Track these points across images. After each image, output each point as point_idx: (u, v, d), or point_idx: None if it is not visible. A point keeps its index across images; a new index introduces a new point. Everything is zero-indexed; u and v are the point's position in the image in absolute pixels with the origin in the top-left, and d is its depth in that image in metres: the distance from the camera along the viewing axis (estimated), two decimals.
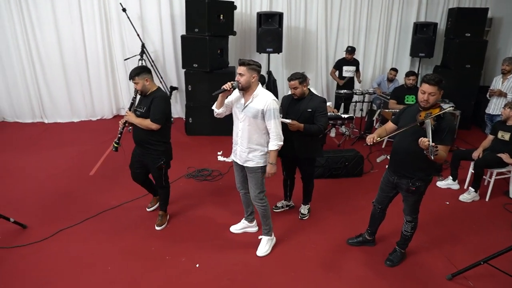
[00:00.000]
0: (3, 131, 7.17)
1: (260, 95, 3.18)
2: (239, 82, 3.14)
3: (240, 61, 3.18)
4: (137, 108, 3.65)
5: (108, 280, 3.24)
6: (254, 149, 3.28)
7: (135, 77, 3.48)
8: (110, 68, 7.47)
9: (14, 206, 4.30)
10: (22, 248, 3.65)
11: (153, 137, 3.61)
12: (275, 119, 3.16)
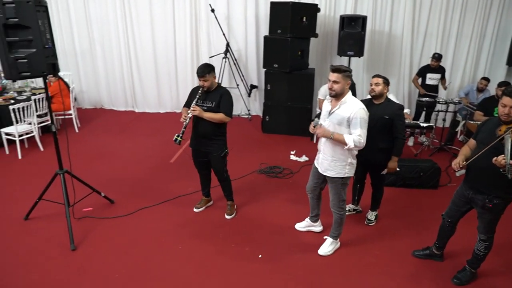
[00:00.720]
0: (101, 116, 8.05)
1: (348, 103, 3.17)
2: (332, 89, 3.14)
3: (333, 68, 3.14)
4: (203, 104, 3.82)
5: (178, 257, 3.54)
6: (336, 158, 3.30)
7: (207, 75, 3.71)
8: (196, 64, 7.94)
9: (105, 183, 4.83)
10: (109, 220, 4.13)
11: (219, 129, 3.87)
12: (361, 129, 3.10)
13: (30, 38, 3.25)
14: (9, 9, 3.13)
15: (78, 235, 3.81)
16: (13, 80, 3.42)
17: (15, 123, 5.77)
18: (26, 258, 3.57)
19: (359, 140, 3.09)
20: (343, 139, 3.12)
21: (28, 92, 6.97)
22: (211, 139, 3.88)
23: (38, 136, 6.19)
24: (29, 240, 3.84)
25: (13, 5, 3.13)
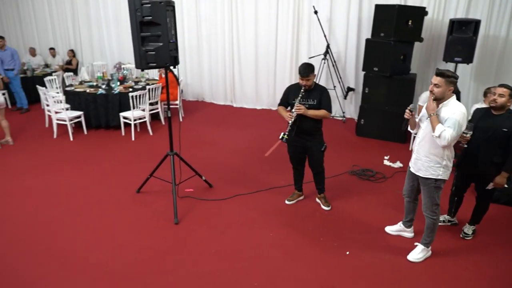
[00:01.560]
0: (202, 108, 8.69)
1: (450, 105, 3.13)
2: (432, 92, 3.13)
3: (438, 71, 3.12)
4: (305, 102, 3.97)
5: (268, 243, 3.77)
6: (430, 159, 3.26)
7: (310, 74, 3.89)
8: (295, 63, 8.15)
9: (206, 168, 5.25)
10: (207, 201, 4.52)
11: (318, 125, 4.09)
12: (453, 129, 3.02)
13: (159, 33, 3.72)
14: (146, 9, 3.62)
15: (180, 212, 4.24)
16: (142, 69, 3.92)
17: (132, 108, 6.52)
18: (136, 224, 4.09)
19: (446, 136, 3.01)
20: (436, 125, 3.07)
21: (143, 82, 7.79)
22: (312, 135, 4.10)
23: (149, 122, 6.92)
24: (139, 210, 4.37)
25: (149, 5, 3.61)
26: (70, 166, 5.61)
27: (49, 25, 11.04)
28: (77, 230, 4.01)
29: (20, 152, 6.19)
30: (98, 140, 6.72)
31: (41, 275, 3.34)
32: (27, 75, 9.09)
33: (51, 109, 6.77)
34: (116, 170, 5.47)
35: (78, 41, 10.67)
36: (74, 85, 7.67)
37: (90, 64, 10.15)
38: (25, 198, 4.71)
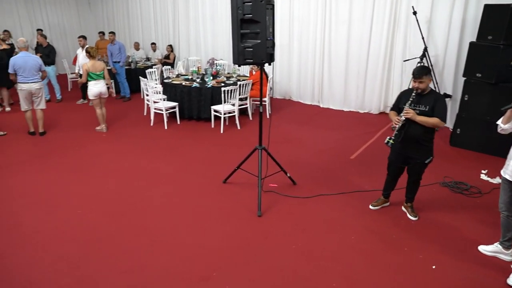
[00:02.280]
0: (289, 107, 8.78)
1: None
2: None
3: None
4: (416, 107, 3.76)
5: (349, 245, 3.71)
6: None
7: (424, 76, 3.64)
8: (387, 66, 7.86)
9: (291, 165, 5.32)
10: (290, 198, 4.57)
11: (428, 134, 3.79)
12: None
13: (257, 31, 3.85)
14: (247, 7, 3.77)
15: (263, 205, 4.35)
16: (239, 65, 4.09)
17: (223, 102, 6.82)
18: (220, 213, 4.28)
19: None
20: None
21: (235, 78, 8.09)
22: (419, 143, 3.82)
23: (237, 116, 7.18)
24: (224, 199, 4.57)
25: (250, 4, 3.76)
26: (163, 153, 6.06)
27: (152, 22, 11.97)
28: (164, 212, 4.33)
29: (122, 136, 6.83)
30: (190, 130, 7.15)
31: (133, 248, 3.68)
32: (131, 67, 9.96)
33: (150, 98, 7.36)
34: (204, 160, 5.77)
35: (177, 37, 11.42)
36: (171, 77, 8.23)
37: (186, 58, 10.80)
38: (122, 177, 5.20)
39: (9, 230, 4.03)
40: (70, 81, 10.84)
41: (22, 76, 6.46)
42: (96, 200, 4.62)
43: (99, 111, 7.04)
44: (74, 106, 9.11)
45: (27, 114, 6.81)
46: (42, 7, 12.99)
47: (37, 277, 3.32)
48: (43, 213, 4.36)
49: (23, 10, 12.54)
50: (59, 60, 12.59)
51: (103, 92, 6.90)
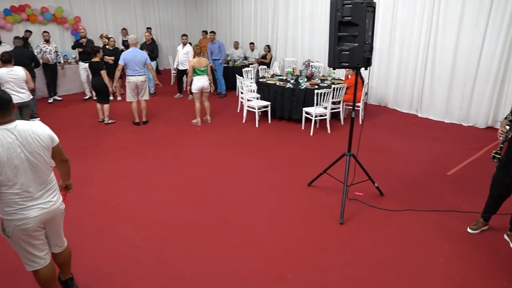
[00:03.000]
0: (383, 114, 8.41)
1: None
2: None
3: None
4: None
5: (435, 269, 3.41)
6: None
7: None
8: (501, 77, 7.08)
9: (380, 175, 5.09)
10: (376, 209, 4.37)
11: None
12: None
13: (355, 34, 3.74)
14: (346, 9, 3.68)
15: (346, 213, 4.23)
16: (334, 67, 4.02)
17: (315, 105, 6.76)
18: (301, 215, 4.25)
19: None
20: None
21: (329, 81, 7.97)
22: None
23: (329, 120, 7.07)
24: (307, 202, 4.54)
25: (350, 6, 3.66)
26: (252, 150, 6.21)
27: (252, 22, 12.32)
28: (247, 208, 4.43)
29: (215, 131, 7.17)
30: (280, 130, 7.23)
31: (215, 239, 3.83)
32: (229, 65, 10.38)
33: (244, 96, 7.60)
34: (291, 160, 5.79)
35: (275, 38, 11.61)
36: (266, 77, 8.39)
37: (282, 59, 10.93)
38: (211, 169, 5.44)
39: (110, 208, 4.48)
40: (173, 76, 11.64)
41: (131, 69, 7.14)
42: (185, 189, 4.91)
43: (198, 104, 7.50)
44: (172, 99, 9.79)
45: (133, 104, 7.48)
46: (155, 7, 14.18)
47: (127, 251, 3.64)
48: (139, 195, 4.76)
49: (140, 10, 13.80)
50: (164, 56, 13.66)
51: (205, 87, 7.36)
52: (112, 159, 5.90)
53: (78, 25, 11.95)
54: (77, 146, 6.36)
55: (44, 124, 2.67)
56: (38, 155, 2.50)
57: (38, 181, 2.54)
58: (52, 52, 9.13)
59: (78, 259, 3.40)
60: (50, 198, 2.63)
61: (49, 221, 2.69)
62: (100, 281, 3.28)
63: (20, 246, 2.60)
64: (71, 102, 9.54)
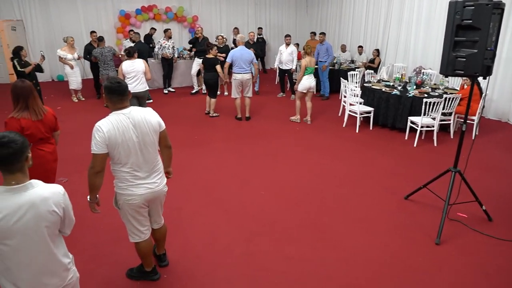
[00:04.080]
0: (503, 130, 7.50)
1: None
2: None
3: None
4: None
5: None
6: None
7: None
8: None
9: (489, 198, 4.56)
10: (480, 235, 3.92)
11: None
12: None
13: (476, 39, 3.40)
14: (467, 11, 3.36)
15: (444, 233, 3.87)
16: (446, 75, 3.71)
17: (422, 114, 6.31)
18: (393, 229, 4.01)
19: None
20: None
21: (441, 90, 7.37)
22: None
23: (436, 132, 6.54)
24: (402, 216, 4.26)
25: (472, 8, 3.33)
26: (349, 155, 6.04)
27: (363, 25, 11.95)
28: (336, 213, 4.33)
29: (314, 132, 7.14)
30: (381, 138, 6.91)
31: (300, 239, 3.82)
32: (335, 67, 10.21)
33: (347, 100, 7.42)
34: (390, 170, 5.50)
35: (385, 42, 11.10)
36: (372, 82, 8.08)
37: (391, 64, 10.41)
38: (304, 170, 5.43)
39: (205, 195, 4.75)
40: (277, 75, 11.86)
41: (237, 67, 7.46)
42: (279, 186, 4.98)
43: (299, 103, 7.61)
44: (275, 98, 9.97)
45: (236, 101, 7.81)
46: (267, 8, 14.60)
47: (216, 238, 3.84)
48: (234, 187, 4.96)
49: (252, 11, 14.34)
50: (272, 56, 13.99)
51: (312, 87, 7.44)
52: (213, 150, 6.24)
53: (196, 23, 12.87)
54: (182, 135, 6.85)
55: (156, 112, 2.94)
56: (148, 139, 2.77)
57: (147, 162, 2.81)
58: (170, 47, 9.96)
59: (173, 238, 3.67)
60: (155, 179, 2.89)
61: (152, 200, 2.95)
62: (189, 261, 3.50)
63: (127, 219, 2.91)
64: (182, 94, 10.32)
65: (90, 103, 9.28)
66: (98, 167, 2.63)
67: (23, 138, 1.84)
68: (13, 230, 1.77)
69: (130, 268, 3.32)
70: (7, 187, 1.80)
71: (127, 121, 2.67)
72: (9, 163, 1.79)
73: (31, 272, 1.88)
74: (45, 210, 1.84)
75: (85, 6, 12.05)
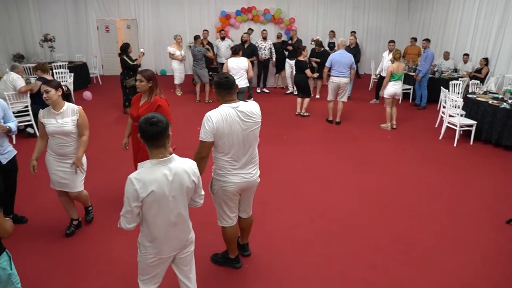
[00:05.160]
0: None
1: None
2: None
3: None
4: None
5: None
6: None
7: None
8: None
9: None
10: None
11: None
12: None
13: None
14: None
15: None
16: None
17: None
18: (491, 255, 3.68)
19: None
20: None
21: None
22: None
23: None
24: (501, 242, 3.90)
25: None
26: (444, 169, 5.67)
27: (471, 31, 11.03)
28: (428, 227, 4.10)
29: (406, 142, 6.82)
30: (483, 154, 6.35)
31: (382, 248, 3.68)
32: (435, 76, 9.60)
33: (446, 111, 6.93)
34: (491, 190, 5.05)
35: (496, 50, 10.12)
36: (477, 93, 7.48)
37: (501, 75, 9.49)
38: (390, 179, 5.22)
39: (290, 194, 4.84)
40: (372, 81, 11.49)
41: (336, 70, 7.39)
42: (364, 193, 4.86)
43: (389, 109, 7.37)
44: (367, 104, 9.66)
45: (330, 104, 7.77)
46: (365, 12, 14.17)
47: (298, 236, 3.89)
48: (319, 188, 4.96)
49: (350, 14, 14.04)
50: (367, 61, 13.60)
51: (398, 93, 7.25)
52: (300, 150, 6.29)
53: (292, 25, 13.01)
54: (272, 133, 7.00)
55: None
56: (251, 133, 2.92)
57: (246, 154, 2.96)
58: (266, 48, 10.21)
59: (256, 230, 3.79)
60: (251, 170, 3.03)
61: (245, 190, 3.10)
62: (269, 255, 3.60)
63: (219, 204, 3.11)
64: (274, 94, 10.52)
65: (185, 97, 9.94)
66: (204, 153, 2.84)
67: (166, 119, 2.16)
68: (166, 196, 2.14)
69: (215, 253, 3.51)
70: (158, 160, 2.13)
71: (235, 114, 2.82)
72: (156, 139, 2.10)
73: (169, 231, 2.26)
74: (186, 178, 2.21)
75: (191, 7, 12.88)
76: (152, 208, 2.15)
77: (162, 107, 3.65)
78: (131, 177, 2.10)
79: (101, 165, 5.38)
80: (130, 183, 2.08)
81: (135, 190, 2.07)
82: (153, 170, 2.11)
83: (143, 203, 2.12)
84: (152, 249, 2.27)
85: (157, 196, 2.11)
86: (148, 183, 2.08)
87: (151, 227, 2.22)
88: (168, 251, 2.32)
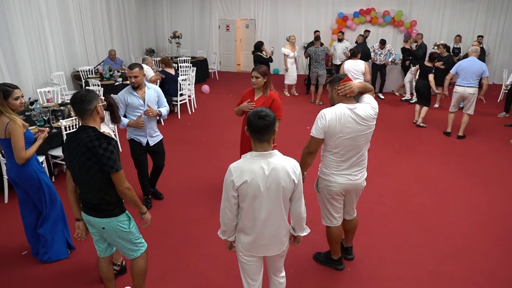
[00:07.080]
0: None
1: None
2: None
3: None
4: None
5: None
6: None
7: None
8: None
9: None
10: None
11: None
12: None
13: None
14: None
15: None
16: None
17: None
18: None
19: None
20: None
21: None
22: None
23: None
24: None
25: None
26: None
27: None
28: None
29: None
30: None
31: None
32: None
33: None
34: None
35: None
36: None
37: None
38: None
39: (398, 202, 4.60)
40: (502, 92, 10.23)
41: (462, 79, 6.68)
42: (483, 213, 4.42)
43: None
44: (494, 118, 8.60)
45: (450, 115, 7.10)
46: (501, 14, 12.56)
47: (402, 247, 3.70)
48: (431, 202, 4.65)
49: (482, 17, 12.55)
50: (498, 69, 12.15)
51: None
52: (414, 160, 5.94)
53: (413, 29, 12.29)
54: (385, 140, 6.72)
55: None
56: (363, 135, 2.85)
57: (354, 156, 2.90)
58: (382, 54, 9.79)
59: (360, 235, 3.70)
60: (357, 173, 2.97)
61: (349, 192, 3.05)
62: (373, 262, 3.50)
63: (323, 203, 3.12)
64: (389, 100, 10.03)
65: (298, 98, 10.04)
66: (312, 148, 2.87)
67: (274, 114, 2.16)
68: (259, 189, 2.12)
69: (318, 252, 3.52)
70: (258, 152, 2.15)
71: (350, 115, 2.79)
72: (262, 133, 2.11)
73: (265, 228, 2.24)
74: (284, 176, 2.13)
75: (308, 8, 12.99)
76: (246, 201, 2.16)
77: (276, 101, 3.80)
78: (230, 166, 2.17)
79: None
80: (229, 171, 2.16)
81: (232, 179, 2.12)
82: (252, 161, 2.13)
83: (238, 193, 2.15)
84: (242, 246, 2.32)
85: (251, 188, 2.11)
86: (244, 172, 2.11)
87: (243, 220, 2.25)
88: (256, 251, 2.32)
